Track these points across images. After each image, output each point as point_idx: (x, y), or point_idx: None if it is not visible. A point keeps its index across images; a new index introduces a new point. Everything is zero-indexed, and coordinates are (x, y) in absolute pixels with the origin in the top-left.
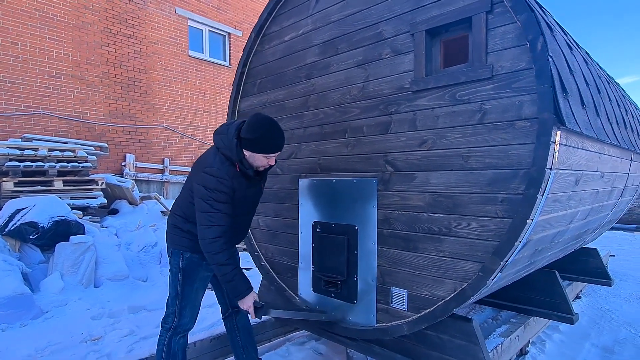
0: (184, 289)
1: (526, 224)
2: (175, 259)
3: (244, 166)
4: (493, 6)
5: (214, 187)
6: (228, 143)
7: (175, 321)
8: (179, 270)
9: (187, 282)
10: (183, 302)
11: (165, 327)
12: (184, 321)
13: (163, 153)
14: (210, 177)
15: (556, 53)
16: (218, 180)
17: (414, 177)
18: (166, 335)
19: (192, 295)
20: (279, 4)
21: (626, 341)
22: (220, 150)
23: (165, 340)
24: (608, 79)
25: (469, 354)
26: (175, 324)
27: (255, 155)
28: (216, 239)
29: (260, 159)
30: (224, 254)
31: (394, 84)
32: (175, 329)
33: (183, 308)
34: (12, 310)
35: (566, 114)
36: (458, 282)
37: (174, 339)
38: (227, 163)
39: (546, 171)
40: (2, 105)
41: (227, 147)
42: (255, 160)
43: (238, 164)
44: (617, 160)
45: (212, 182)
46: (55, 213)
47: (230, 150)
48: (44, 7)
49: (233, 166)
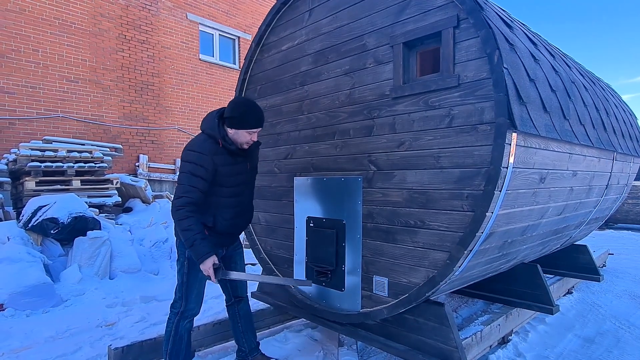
0: (189, 277)
1: (486, 217)
2: (181, 250)
3: (226, 142)
4: (459, 22)
5: (193, 160)
6: (210, 122)
7: (182, 306)
8: (185, 259)
9: (192, 271)
10: (189, 289)
11: (173, 311)
12: (190, 306)
13: (175, 154)
14: (191, 152)
15: (513, 64)
16: (198, 155)
17: (393, 176)
18: (174, 319)
19: (197, 283)
20: (276, 16)
21: (608, 333)
22: (205, 131)
23: (174, 324)
24: (590, 83)
25: (441, 335)
26: (182, 309)
27: (239, 132)
28: (181, 207)
29: (243, 135)
30: (188, 221)
31: (376, 91)
32: (183, 314)
33: (189, 294)
34: (35, 298)
35: (521, 118)
36: (430, 269)
37: (181, 322)
38: (209, 140)
39: (502, 169)
40: (24, 109)
41: (210, 126)
42: (239, 137)
43: (221, 140)
44: (595, 160)
45: (192, 156)
46: (73, 210)
47: (212, 128)
48: (63, 16)
49: (216, 143)
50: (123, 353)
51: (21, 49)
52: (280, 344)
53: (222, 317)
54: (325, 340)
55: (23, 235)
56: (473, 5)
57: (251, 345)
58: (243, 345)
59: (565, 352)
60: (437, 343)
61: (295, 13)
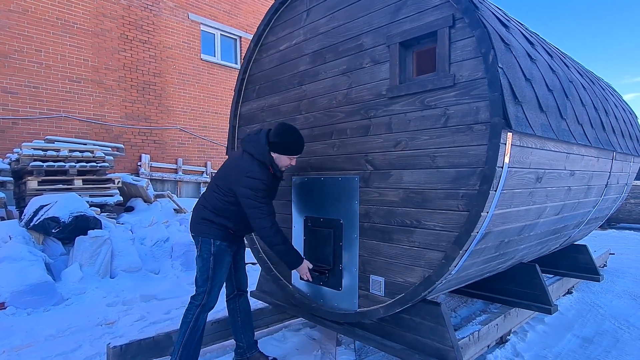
0: (215, 272)
1: (481, 217)
2: (206, 247)
3: (274, 168)
4: (455, 22)
5: (259, 187)
6: (261, 150)
7: (204, 299)
8: (210, 255)
9: (217, 266)
10: (214, 282)
11: (194, 303)
12: (212, 298)
13: (177, 153)
14: (255, 180)
15: (509, 64)
16: (261, 182)
17: (390, 175)
18: (195, 311)
19: (221, 277)
20: (275, 15)
21: (607, 333)
22: (255, 157)
23: (194, 315)
24: (589, 82)
25: (437, 335)
26: (205, 302)
27: (281, 157)
28: (272, 226)
29: (284, 160)
30: (279, 237)
31: (373, 91)
32: (204, 306)
33: (213, 287)
34: (37, 296)
35: (516, 118)
36: (426, 269)
37: (202, 315)
38: (263, 167)
39: (497, 169)
40: (27, 108)
41: (261, 153)
42: (280, 161)
43: (271, 167)
44: (593, 159)
45: (257, 184)
46: (75, 209)
47: (264, 156)
48: (65, 16)
49: (267, 169)
50: (122, 351)
51: (24, 49)
52: (279, 343)
53: (220, 316)
54: (323, 340)
55: (25, 234)
56: (468, 4)
57: (249, 341)
58: (241, 341)
59: (563, 352)
60: (434, 342)
61: (294, 13)
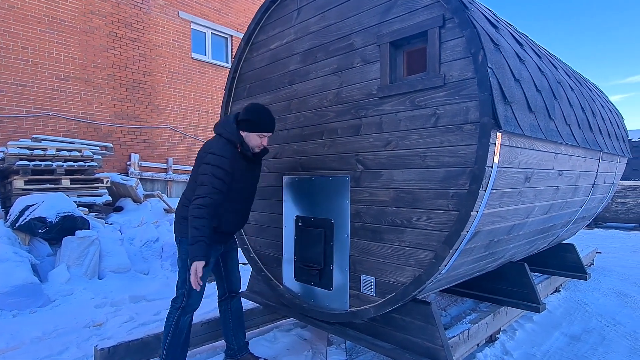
0: None
1: (470, 216)
2: (184, 247)
3: (244, 148)
4: (445, 22)
5: (216, 164)
6: (229, 128)
7: (184, 301)
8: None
9: None
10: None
11: (175, 306)
12: (192, 301)
13: (167, 153)
14: (214, 156)
15: (498, 64)
16: (220, 158)
17: (380, 175)
18: (175, 314)
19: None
20: (265, 14)
21: (594, 330)
22: (223, 135)
23: (174, 318)
24: (577, 83)
25: (427, 334)
26: (184, 304)
27: (250, 135)
28: (203, 207)
29: (254, 139)
30: (202, 221)
31: (363, 90)
32: (184, 309)
33: (191, 289)
34: (22, 298)
35: (505, 118)
36: (416, 268)
37: (182, 317)
38: (229, 145)
39: (487, 169)
40: (13, 107)
41: (229, 131)
42: (250, 140)
43: (239, 145)
44: (580, 159)
45: (214, 159)
46: (62, 209)
47: (232, 134)
48: (53, 13)
49: (235, 147)
50: (109, 354)
51: (10, 46)
52: (270, 344)
53: (210, 317)
54: (314, 340)
55: (10, 235)
56: (458, 5)
57: (240, 343)
58: (232, 343)
59: (551, 350)
60: (424, 342)
61: (284, 12)
